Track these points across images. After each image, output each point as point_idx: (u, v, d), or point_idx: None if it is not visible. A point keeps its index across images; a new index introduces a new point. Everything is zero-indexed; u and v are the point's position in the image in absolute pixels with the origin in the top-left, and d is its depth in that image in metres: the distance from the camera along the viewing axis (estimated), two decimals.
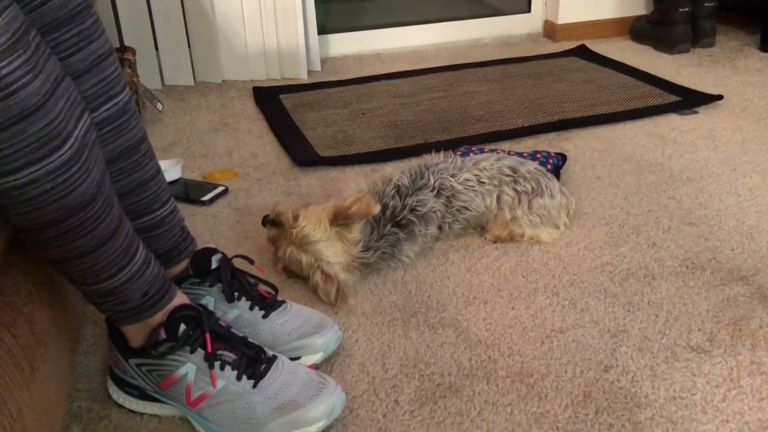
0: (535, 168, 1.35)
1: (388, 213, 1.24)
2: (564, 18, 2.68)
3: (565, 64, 2.38)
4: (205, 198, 1.52)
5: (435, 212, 1.27)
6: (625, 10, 2.72)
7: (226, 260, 1.03)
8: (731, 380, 0.96)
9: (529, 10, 2.77)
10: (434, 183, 1.28)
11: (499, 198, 1.30)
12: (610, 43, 2.62)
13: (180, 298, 0.91)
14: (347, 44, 2.61)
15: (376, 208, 1.19)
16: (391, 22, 2.69)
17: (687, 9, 2.44)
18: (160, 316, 0.88)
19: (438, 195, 1.28)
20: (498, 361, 1.01)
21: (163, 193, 0.97)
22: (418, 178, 1.29)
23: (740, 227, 1.34)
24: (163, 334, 0.88)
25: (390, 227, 1.22)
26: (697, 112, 1.93)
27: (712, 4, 2.47)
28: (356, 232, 1.19)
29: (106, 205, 0.79)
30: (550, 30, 2.72)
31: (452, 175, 1.30)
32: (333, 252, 1.17)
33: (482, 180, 1.30)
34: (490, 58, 2.46)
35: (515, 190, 1.30)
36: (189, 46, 2.28)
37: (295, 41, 2.30)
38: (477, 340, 1.06)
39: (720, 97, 1.98)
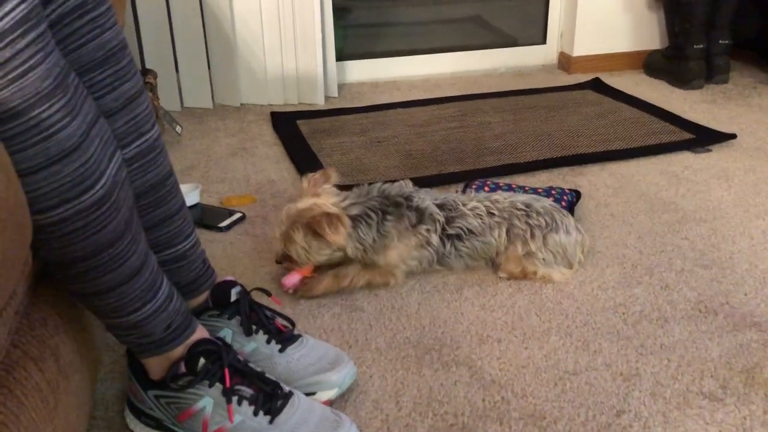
0: (550, 204, 1.37)
1: (375, 190, 1.30)
2: (579, 50, 2.71)
3: (579, 97, 2.40)
4: (223, 224, 1.54)
5: (432, 214, 1.29)
6: (640, 44, 2.74)
7: (245, 293, 1.04)
8: (744, 430, 0.96)
9: (544, 42, 2.80)
10: (439, 197, 1.34)
11: (509, 231, 1.32)
12: (624, 77, 2.65)
13: (200, 332, 0.93)
14: (364, 71, 2.64)
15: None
16: (408, 49, 2.72)
17: (702, 46, 2.46)
18: (180, 350, 0.90)
19: (440, 208, 1.31)
20: (511, 402, 1.02)
21: (186, 226, 0.99)
22: (425, 190, 1.35)
23: (753, 271, 1.35)
24: (182, 368, 0.90)
25: (377, 196, 1.28)
26: (710, 150, 1.94)
27: (727, 42, 2.49)
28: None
29: (134, 242, 0.81)
30: (565, 62, 2.75)
31: (462, 203, 1.33)
32: (322, 200, 1.25)
33: (492, 211, 1.32)
34: (505, 89, 2.49)
35: (528, 223, 1.31)
36: (209, 69, 2.31)
37: (314, 67, 2.33)
38: (491, 380, 1.06)
39: (734, 136, 1.99)
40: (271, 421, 0.89)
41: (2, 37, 0.64)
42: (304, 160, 1.89)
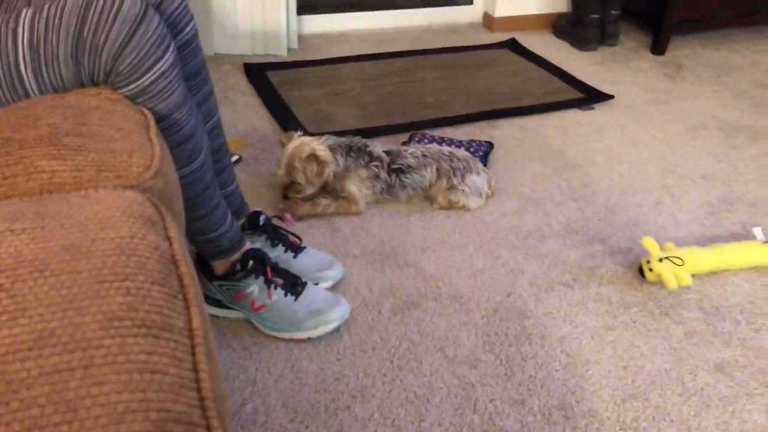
0: (465, 153, 1.93)
1: (343, 139, 1.83)
2: (500, 12, 3.21)
3: (498, 56, 2.93)
4: None
5: (380, 156, 1.82)
6: (551, 6, 3.27)
7: (268, 219, 1.55)
8: (582, 303, 1.58)
9: (471, 2, 3.28)
10: (388, 147, 1.87)
11: (438, 170, 1.87)
12: (535, 37, 3.18)
13: (248, 245, 1.44)
14: (318, 24, 3.06)
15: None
16: (356, 3, 3.15)
17: (597, 15, 3.01)
18: (237, 255, 1.41)
19: (387, 153, 1.85)
20: (442, 288, 1.59)
21: (231, 174, 1.48)
22: (378, 142, 1.89)
23: (607, 203, 1.96)
24: (238, 266, 1.41)
25: (344, 142, 1.83)
26: (594, 108, 2.53)
27: (617, 12, 3.06)
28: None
29: (215, 189, 1.30)
30: (488, 21, 3.25)
31: (404, 150, 1.87)
32: (306, 140, 1.80)
33: (425, 155, 1.88)
34: (440, 45, 2.98)
35: (450, 165, 1.87)
36: None
37: (278, 20, 2.74)
38: (429, 275, 1.63)
39: (612, 97, 2.58)
40: (295, 300, 1.43)
41: (166, 73, 1.10)
42: (280, 110, 2.35)
